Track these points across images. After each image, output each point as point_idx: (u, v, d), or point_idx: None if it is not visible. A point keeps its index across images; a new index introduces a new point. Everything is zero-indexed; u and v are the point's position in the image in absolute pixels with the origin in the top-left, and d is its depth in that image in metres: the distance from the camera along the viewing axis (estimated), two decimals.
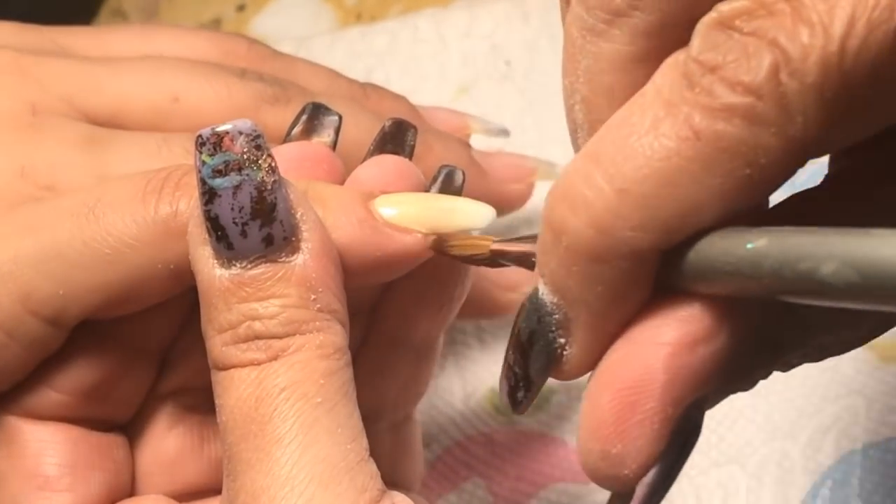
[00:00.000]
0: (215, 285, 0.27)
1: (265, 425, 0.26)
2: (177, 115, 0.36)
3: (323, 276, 0.27)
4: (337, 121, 0.32)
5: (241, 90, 0.36)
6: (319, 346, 0.27)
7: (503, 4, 0.57)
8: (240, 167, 0.26)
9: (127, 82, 0.36)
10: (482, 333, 0.48)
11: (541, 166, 0.43)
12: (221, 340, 0.27)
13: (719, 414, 0.43)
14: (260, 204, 0.26)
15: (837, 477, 0.40)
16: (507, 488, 0.44)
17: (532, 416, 0.45)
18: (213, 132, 0.26)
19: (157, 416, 0.32)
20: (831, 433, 0.41)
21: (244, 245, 0.27)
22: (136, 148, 0.34)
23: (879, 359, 0.41)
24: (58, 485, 0.30)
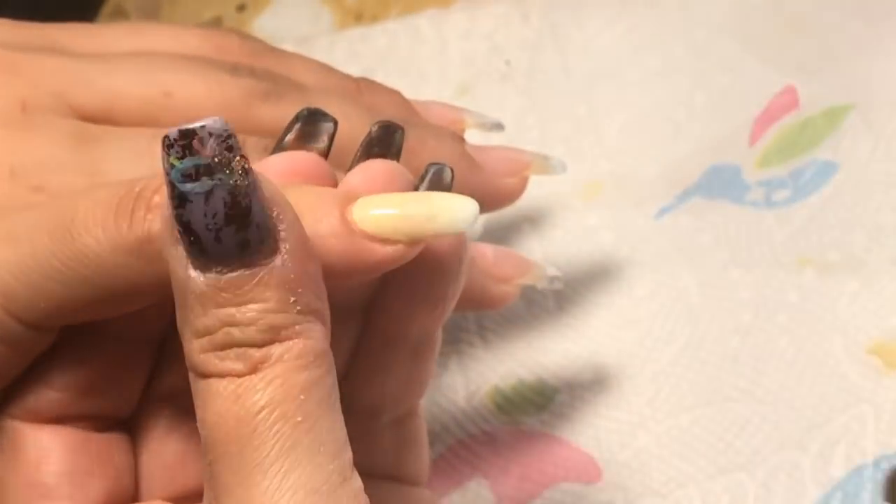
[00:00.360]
0: (190, 288, 0.26)
1: (244, 447, 0.26)
2: (169, 110, 0.35)
3: (302, 276, 0.26)
4: (332, 127, 0.31)
5: (232, 85, 0.36)
6: (299, 355, 0.26)
7: (503, 5, 0.57)
8: (211, 171, 0.25)
9: (118, 78, 0.35)
10: (485, 332, 0.48)
11: (536, 160, 0.43)
12: (199, 346, 0.26)
13: (726, 420, 0.42)
14: (234, 209, 0.25)
15: (849, 490, 0.40)
16: (510, 487, 0.44)
17: (535, 415, 0.45)
18: (180, 133, 0.25)
19: (156, 419, 0.32)
20: (841, 445, 0.41)
21: (219, 250, 0.25)
22: (126, 145, 0.33)
23: (885, 364, 0.41)
24: (56, 493, 0.30)
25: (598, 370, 0.45)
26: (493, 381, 0.47)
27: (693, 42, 0.52)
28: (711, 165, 0.48)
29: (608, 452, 0.44)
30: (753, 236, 0.46)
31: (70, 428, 0.31)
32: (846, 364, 0.42)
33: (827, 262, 0.44)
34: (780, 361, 0.43)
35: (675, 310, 0.46)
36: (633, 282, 0.47)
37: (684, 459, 0.42)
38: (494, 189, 0.41)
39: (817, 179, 0.46)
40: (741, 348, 0.44)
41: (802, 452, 0.41)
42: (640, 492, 0.43)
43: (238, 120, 0.35)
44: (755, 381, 0.43)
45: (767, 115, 0.49)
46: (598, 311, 0.47)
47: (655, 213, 0.48)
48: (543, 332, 0.47)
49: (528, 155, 0.42)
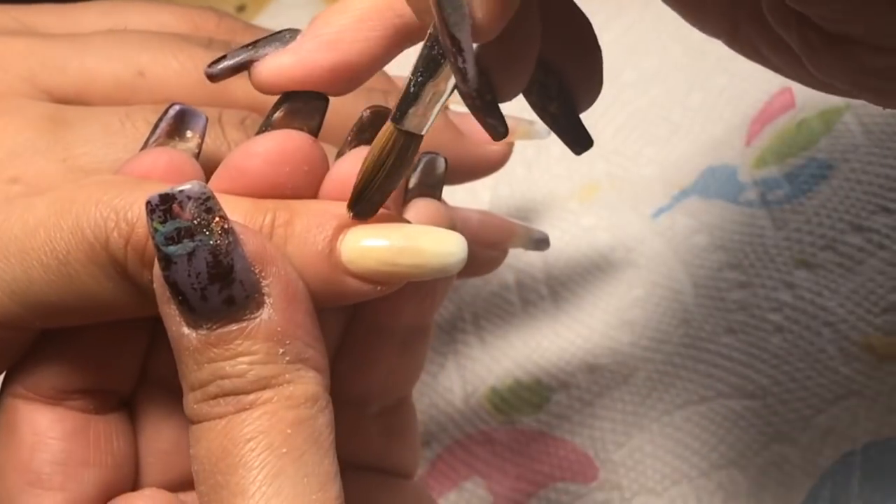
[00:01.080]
0: (184, 344, 0.27)
1: (230, 476, 0.26)
2: (142, 89, 0.35)
3: (290, 327, 0.27)
4: (323, 104, 0.31)
5: (207, 60, 0.35)
6: (288, 396, 0.27)
7: None
8: (192, 234, 0.26)
9: (91, 58, 0.35)
10: (482, 332, 0.48)
11: (520, 125, 0.42)
12: (193, 398, 0.27)
13: (719, 417, 0.43)
14: (216, 268, 0.26)
15: (838, 479, 0.40)
16: (506, 487, 0.45)
17: (531, 415, 0.46)
18: (160, 198, 0.26)
19: (152, 404, 0.32)
20: (831, 435, 0.41)
21: (206, 308, 0.27)
22: (98, 125, 0.33)
23: (877, 358, 0.41)
24: (49, 483, 0.30)
25: (594, 370, 0.45)
26: (489, 381, 0.47)
27: (689, 43, 0.52)
28: (708, 166, 0.48)
29: (604, 451, 0.44)
30: (748, 238, 0.46)
31: (69, 410, 0.31)
32: (838, 359, 0.42)
33: (820, 261, 0.44)
34: (772, 358, 0.43)
35: (670, 310, 0.46)
36: (629, 282, 0.47)
37: (678, 457, 0.43)
38: (479, 156, 0.41)
39: (812, 180, 0.46)
40: (734, 346, 0.44)
41: (792, 444, 0.41)
42: (635, 490, 0.43)
43: (213, 94, 0.35)
44: (747, 378, 0.43)
45: (764, 115, 0.49)
46: (594, 312, 0.47)
47: (652, 213, 0.48)
48: (540, 332, 0.48)
49: (512, 120, 0.41)
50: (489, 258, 0.40)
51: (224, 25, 0.39)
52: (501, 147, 0.42)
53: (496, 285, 0.49)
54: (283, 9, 0.63)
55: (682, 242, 0.47)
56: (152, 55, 0.36)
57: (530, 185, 0.51)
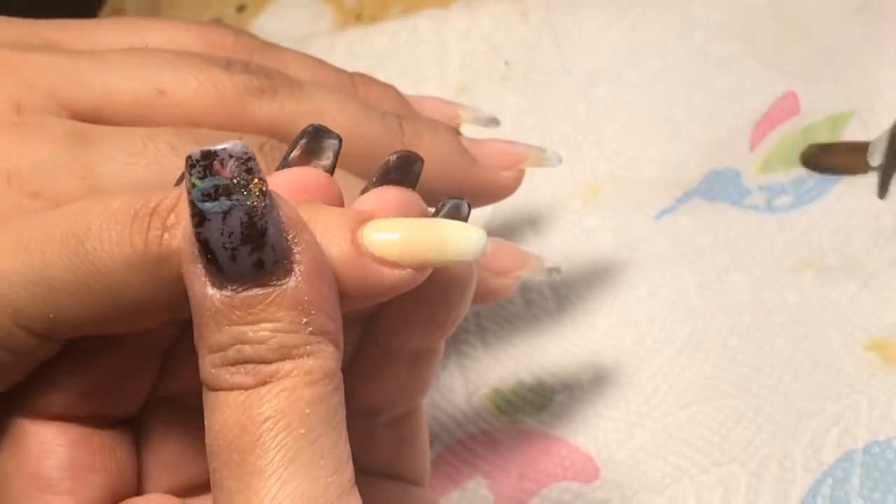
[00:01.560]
0: (206, 305, 0.27)
1: (247, 455, 0.26)
2: (162, 107, 0.35)
3: (315, 298, 0.27)
4: (337, 144, 0.31)
5: (226, 82, 0.35)
6: (308, 371, 0.27)
7: (503, 5, 0.57)
8: (229, 192, 0.26)
9: (111, 76, 0.35)
10: (484, 333, 0.48)
11: (532, 152, 0.42)
12: (211, 361, 0.27)
13: (722, 416, 0.43)
14: (250, 229, 0.26)
15: (838, 475, 0.40)
16: (508, 487, 0.45)
17: (534, 415, 0.46)
18: (202, 154, 0.26)
19: (159, 417, 0.32)
20: (833, 432, 0.41)
21: (234, 269, 0.26)
22: (120, 146, 0.33)
23: (882, 359, 0.42)
24: (57, 488, 0.30)
25: (596, 370, 0.46)
26: (492, 382, 0.47)
27: (692, 42, 0.52)
28: (712, 170, 0.48)
29: (606, 451, 0.44)
30: (754, 239, 0.46)
31: (73, 425, 0.31)
32: (843, 360, 0.42)
33: (827, 265, 0.44)
34: (776, 359, 0.43)
35: (673, 310, 0.46)
36: (632, 283, 0.47)
37: (679, 455, 0.43)
38: (491, 182, 0.41)
39: (820, 187, 0.46)
40: (739, 348, 0.44)
41: (794, 441, 0.41)
42: (636, 489, 0.43)
43: (232, 116, 0.35)
44: (751, 378, 0.43)
45: (767, 120, 0.49)
46: (597, 312, 0.47)
47: (655, 214, 0.48)
48: (543, 332, 0.48)
49: (523, 147, 0.42)
50: (501, 286, 0.40)
51: (241, 44, 0.39)
52: (513, 173, 0.42)
53: None
54: (284, 9, 0.63)
55: (686, 243, 0.47)
56: (173, 74, 0.35)
57: (533, 186, 0.51)
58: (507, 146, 0.42)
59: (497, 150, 0.41)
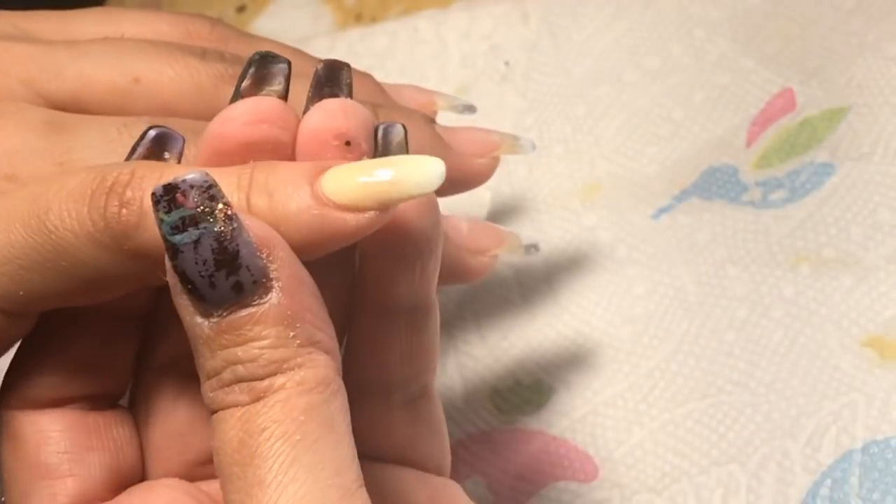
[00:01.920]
0: (197, 333, 0.27)
1: (247, 467, 0.27)
2: (138, 96, 0.35)
3: (298, 310, 0.27)
4: (286, 68, 0.31)
5: (201, 70, 0.36)
6: (300, 382, 0.27)
7: (503, 5, 0.57)
8: (196, 222, 0.26)
9: (87, 65, 0.35)
10: (483, 331, 0.48)
11: (505, 140, 0.43)
12: (209, 386, 0.28)
13: (720, 413, 0.43)
14: (222, 255, 0.26)
15: (837, 475, 0.40)
16: (507, 486, 0.45)
17: (533, 414, 0.46)
18: (164, 188, 0.26)
19: (161, 389, 0.32)
20: (831, 431, 0.41)
21: (215, 295, 0.27)
22: (96, 133, 0.33)
23: (879, 356, 0.42)
24: (58, 472, 0.31)
25: (595, 369, 0.46)
26: (490, 381, 0.47)
27: (691, 42, 0.52)
28: (709, 167, 0.48)
29: (605, 450, 0.44)
30: (750, 235, 0.46)
31: (67, 409, 0.31)
32: (840, 356, 0.42)
33: (823, 259, 0.44)
34: (773, 354, 0.43)
35: (671, 307, 0.46)
36: (630, 281, 0.47)
37: (678, 454, 0.43)
38: (465, 170, 0.41)
39: (814, 180, 0.46)
40: (735, 343, 0.44)
41: (793, 440, 0.41)
42: (635, 488, 0.43)
43: (207, 104, 0.35)
44: (749, 374, 0.43)
45: (764, 116, 0.49)
46: (595, 311, 0.47)
47: (653, 213, 0.48)
48: (541, 331, 0.48)
49: (497, 135, 0.42)
50: (479, 264, 0.41)
51: (217, 33, 0.39)
52: (488, 160, 0.42)
53: (497, 285, 0.49)
54: (284, 9, 0.63)
55: (684, 240, 0.47)
56: (148, 63, 0.36)
57: (532, 184, 0.51)
58: (481, 134, 0.42)
59: (471, 137, 0.42)
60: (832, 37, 0.49)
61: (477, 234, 0.40)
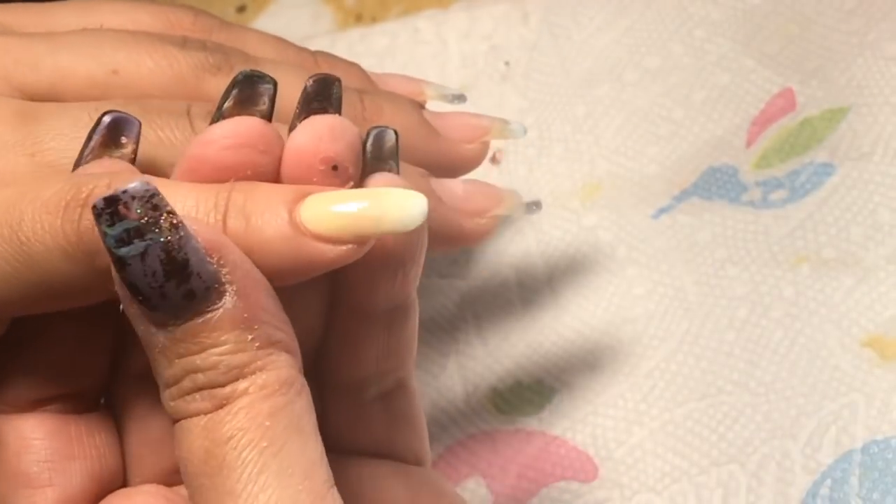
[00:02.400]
0: (153, 343, 0.27)
1: (215, 478, 0.26)
2: (116, 87, 0.35)
3: (255, 312, 0.27)
4: (272, 88, 0.31)
5: (182, 60, 0.35)
6: (262, 386, 0.27)
7: (503, 5, 0.57)
8: (141, 233, 0.26)
9: (64, 56, 0.35)
10: (483, 332, 0.48)
11: (495, 124, 0.41)
12: (169, 395, 0.27)
13: (720, 413, 0.43)
14: (170, 264, 0.26)
15: (837, 476, 0.40)
16: (508, 486, 0.45)
17: (533, 415, 0.46)
18: (105, 201, 0.26)
19: (138, 396, 0.32)
20: (831, 431, 0.41)
21: (167, 305, 0.26)
22: (67, 120, 0.33)
23: (879, 356, 0.42)
24: (38, 481, 0.30)
25: (595, 369, 0.46)
26: (491, 381, 0.47)
27: (691, 42, 0.52)
28: (709, 167, 0.48)
29: (605, 450, 0.44)
30: (750, 235, 0.46)
31: (48, 414, 0.31)
32: (840, 356, 0.42)
33: (823, 259, 0.44)
34: (773, 354, 0.43)
35: (671, 307, 0.46)
36: (630, 281, 0.47)
37: (678, 454, 0.43)
38: (454, 155, 0.40)
39: (814, 180, 0.46)
40: (735, 343, 0.44)
41: (792, 440, 0.41)
42: (635, 488, 0.43)
43: (188, 94, 0.35)
44: (748, 374, 0.43)
45: (764, 116, 0.49)
46: (595, 311, 0.47)
47: (653, 213, 0.48)
48: (541, 332, 0.48)
49: (486, 120, 0.41)
50: (476, 226, 0.39)
51: (199, 24, 0.38)
52: (477, 146, 0.41)
53: (497, 285, 0.49)
54: (284, 9, 0.63)
55: (684, 240, 0.47)
56: (126, 53, 0.35)
57: (532, 184, 0.51)
58: (470, 118, 0.41)
59: (460, 122, 0.41)
60: (832, 37, 0.49)
61: (473, 196, 0.39)
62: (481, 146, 0.41)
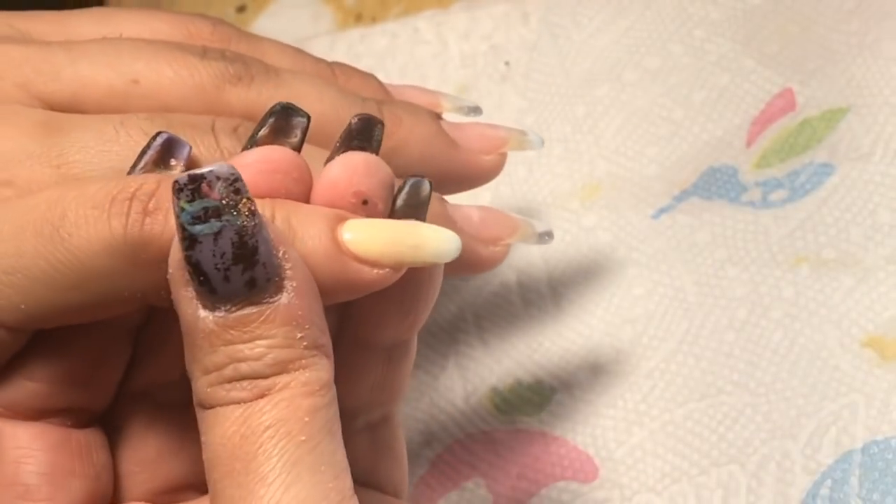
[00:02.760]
0: (199, 327, 0.27)
1: (249, 463, 0.26)
2: (136, 96, 0.35)
3: (308, 313, 0.27)
4: (305, 122, 0.31)
5: (202, 70, 0.35)
6: (305, 383, 0.27)
7: (503, 5, 0.57)
8: (219, 213, 0.26)
9: (85, 66, 0.35)
10: (483, 333, 0.48)
11: (513, 136, 0.42)
12: (207, 381, 0.27)
13: (719, 414, 0.43)
14: (241, 249, 0.26)
15: (837, 476, 0.40)
16: (507, 487, 0.45)
17: (533, 415, 0.46)
18: (189, 177, 0.26)
19: (135, 414, 0.32)
20: (831, 432, 0.41)
21: (227, 289, 0.26)
22: (92, 132, 0.33)
23: (879, 356, 0.42)
24: (37, 494, 0.30)
25: (595, 369, 0.46)
26: (490, 381, 0.47)
27: (691, 42, 0.52)
28: (709, 167, 0.48)
29: (605, 450, 0.44)
30: (750, 235, 0.46)
31: (49, 425, 0.31)
32: (840, 356, 0.42)
33: (823, 259, 0.44)
34: (773, 355, 0.43)
35: (671, 308, 0.46)
36: (630, 281, 0.47)
37: (678, 454, 0.43)
38: (472, 166, 0.40)
39: (814, 181, 0.46)
40: (735, 343, 0.44)
41: (792, 441, 0.41)
42: (635, 489, 0.43)
43: (208, 104, 0.35)
44: (748, 375, 0.43)
45: (764, 116, 0.49)
46: (595, 311, 0.47)
47: (653, 213, 0.48)
48: (541, 331, 0.48)
49: (504, 131, 0.41)
50: (491, 254, 0.39)
51: (218, 33, 0.38)
52: (495, 157, 0.41)
53: (497, 285, 0.49)
54: (284, 9, 0.63)
55: (684, 240, 0.47)
56: (146, 63, 0.35)
57: (531, 185, 0.51)
58: (488, 129, 0.41)
59: (478, 133, 0.41)
60: (832, 37, 0.49)
61: (489, 223, 0.39)
62: (499, 157, 0.41)
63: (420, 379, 0.48)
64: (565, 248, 0.49)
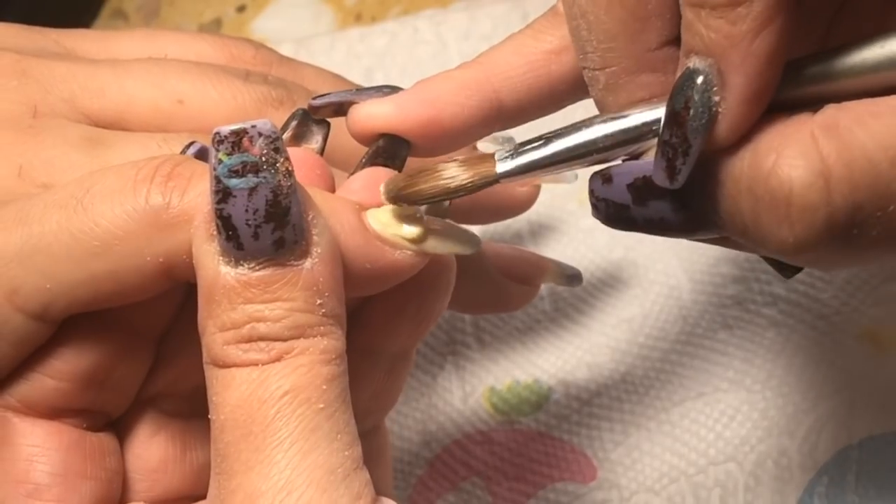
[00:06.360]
0: (220, 283, 0.27)
1: (266, 427, 0.26)
2: (181, 117, 0.35)
3: (330, 281, 0.27)
4: (326, 127, 0.32)
5: (245, 93, 0.36)
6: (323, 350, 0.27)
7: (502, 5, 0.57)
8: (257, 169, 0.26)
9: (130, 84, 0.35)
10: (481, 333, 0.48)
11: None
12: (223, 339, 0.27)
13: (716, 412, 0.43)
14: (275, 207, 0.26)
15: (833, 473, 0.40)
16: (505, 487, 0.45)
17: (530, 415, 0.46)
18: (231, 131, 0.26)
19: (140, 422, 0.32)
20: (828, 429, 0.41)
21: (255, 246, 0.26)
22: (135, 147, 0.33)
23: (874, 349, 0.42)
24: (47, 494, 0.30)
25: (592, 369, 0.46)
26: (488, 381, 0.47)
27: None
28: None
29: (602, 451, 0.44)
30: None
31: (65, 425, 0.30)
32: (834, 352, 0.42)
33: None
34: (768, 352, 0.43)
35: (666, 307, 0.46)
36: (626, 281, 0.47)
37: (675, 454, 0.43)
38: (506, 198, 0.41)
39: None
40: (729, 341, 0.44)
41: (790, 438, 0.41)
42: (634, 489, 0.43)
43: None
44: (744, 372, 0.43)
45: None
46: (592, 311, 0.47)
47: None
48: (539, 332, 0.48)
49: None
50: (521, 293, 0.41)
51: (260, 57, 0.39)
52: (529, 189, 0.42)
53: None
54: (284, 9, 0.63)
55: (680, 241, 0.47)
56: (191, 84, 0.35)
57: None
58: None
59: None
60: None
61: (520, 264, 0.40)
62: (533, 189, 0.42)
63: (418, 379, 0.48)
64: (563, 249, 0.49)
